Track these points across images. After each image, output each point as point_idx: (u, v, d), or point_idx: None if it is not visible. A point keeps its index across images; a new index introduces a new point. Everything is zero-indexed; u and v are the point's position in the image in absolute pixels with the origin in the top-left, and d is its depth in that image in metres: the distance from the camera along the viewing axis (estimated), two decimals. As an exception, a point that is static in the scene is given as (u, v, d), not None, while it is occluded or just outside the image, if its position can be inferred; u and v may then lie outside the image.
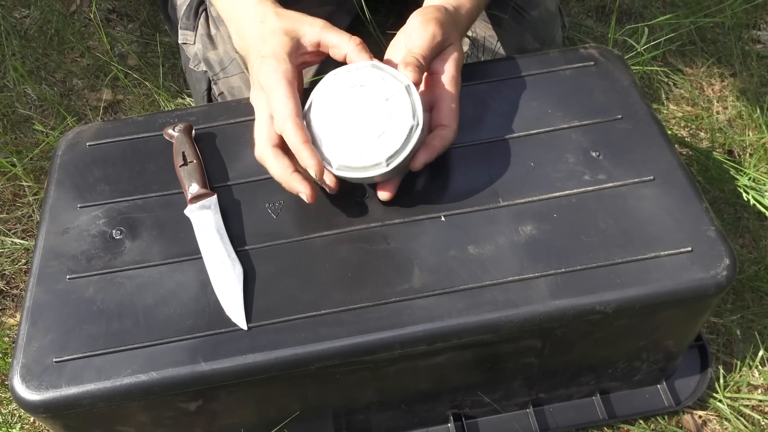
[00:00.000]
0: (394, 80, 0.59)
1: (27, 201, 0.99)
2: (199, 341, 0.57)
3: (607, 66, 0.73)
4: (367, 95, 0.59)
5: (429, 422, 0.72)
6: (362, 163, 0.58)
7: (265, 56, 0.61)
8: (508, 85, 0.72)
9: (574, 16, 1.19)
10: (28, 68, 1.15)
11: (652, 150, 0.66)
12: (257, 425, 0.65)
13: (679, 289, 0.58)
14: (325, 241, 0.62)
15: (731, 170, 0.94)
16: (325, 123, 0.60)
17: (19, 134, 1.08)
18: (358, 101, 0.60)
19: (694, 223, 0.61)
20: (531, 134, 0.68)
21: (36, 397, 0.55)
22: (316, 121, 0.61)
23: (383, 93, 0.59)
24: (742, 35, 1.15)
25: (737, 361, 0.80)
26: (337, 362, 0.57)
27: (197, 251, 0.62)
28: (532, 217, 0.62)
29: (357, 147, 0.59)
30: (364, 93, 0.60)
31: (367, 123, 0.59)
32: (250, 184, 0.66)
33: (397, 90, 0.59)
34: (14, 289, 0.92)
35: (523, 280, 0.58)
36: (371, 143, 0.58)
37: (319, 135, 0.60)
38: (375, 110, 0.59)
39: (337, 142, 0.59)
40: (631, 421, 0.74)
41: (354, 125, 0.59)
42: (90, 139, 0.71)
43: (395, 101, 0.59)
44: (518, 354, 0.63)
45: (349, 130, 0.59)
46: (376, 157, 0.58)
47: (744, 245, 0.90)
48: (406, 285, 0.59)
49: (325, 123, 0.60)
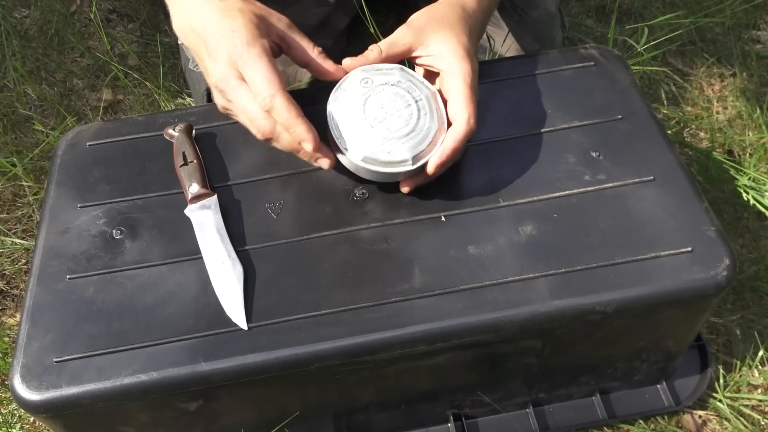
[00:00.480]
0: (422, 85, 0.62)
1: (27, 201, 0.99)
2: (199, 341, 0.57)
3: (607, 66, 0.73)
4: (397, 95, 0.61)
5: (429, 422, 0.72)
6: (389, 158, 0.59)
7: (235, 30, 0.57)
8: (508, 85, 0.72)
9: (574, 16, 1.19)
10: (29, 68, 1.15)
11: (652, 150, 0.66)
12: (257, 425, 0.65)
13: (679, 290, 0.58)
14: (325, 241, 0.62)
15: (731, 170, 0.94)
16: (352, 115, 0.61)
17: (19, 134, 1.08)
18: (387, 99, 0.61)
19: (694, 224, 0.61)
20: (531, 134, 0.68)
21: (36, 397, 0.55)
22: (342, 112, 0.61)
23: (413, 95, 0.61)
24: (742, 35, 1.15)
25: (737, 361, 0.80)
26: (337, 362, 0.57)
27: (197, 251, 0.62)
28: (533, 217, 0.62)
29: (384, 142, 0.59)
30: (395, 92, 0.61)
31: (395, 121, 0.60)
32: (250, 184, 0.66)
33: (426, 94, 0.61)
34: (14, 289, 0.92)
35: (524, 280, 0.59)
36: (399, 141, 0.59)
37: (345, 126, 0.60)
38: (404, 110, 0.61)
39: (364, 135, 0.60)
40: (631, 421, 0.74)
41: (383, 121, 0.60)
42: (90, 139, 0.71)
43: (423, 104, 0.61)
44: (518, 354, 0.63)
45: (378, 126, 0.60)
46: (402, 154, 0.59)
47: (744, 245, 0.90)
48: (407, 285, 0.59)
49: (351, 115, 0.61)
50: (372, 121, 0.60)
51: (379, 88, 0.62)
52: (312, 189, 0.66)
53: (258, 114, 0.58)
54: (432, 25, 0.64)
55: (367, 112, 0.60)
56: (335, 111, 0.61)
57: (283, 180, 0.66)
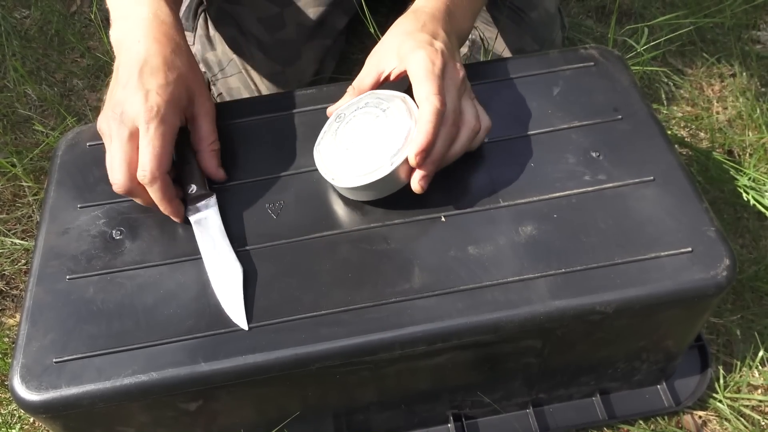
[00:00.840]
0: (390, 95, 0.63)
1: (27, 201, 0.99)
2: (199, 341, 0.57)
3: (607, 66, 0.73)
4: (366, 114, 0.62)
5: (429, 422, 0.72)
6: (368, 169, 0.60)
7: (160, 93, 0.59)
8: (508, 85, 0.72)
9: (574, 16, 1.19)
10: (29, 68, 1.15)
11: (652, 150, 0.66)
12: (257, 425, 0.65)
13: (679, 290, 0.58)
14: (325, 241, 0.62)
15: (731, 170, 0.94)
16: (330, 149, 0.63)
17: (19, 134, 1.08)
18: (358, 122, 0.62)
19: (694, 224, 0.61)
20: (531, 134, 0.68)
21: (36, 398, 0.55)
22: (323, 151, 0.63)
23: (381, 107, 0.62)
24: (742, 35, 1.15)
25: (737, 362, 0.80)
26: (337, 362, 0.57)
27: (197, 251, 0.62)
28: (533, 217, 0.62)
29: (361, 158, 0.60)
30: (363, 113, 0.63)
31: (369, 135, 0.61)
32: (251, 184, 0.66)
33: (393, 101, 0.62)
34: (14, 289, 0.92)
35: (523, 281, 0.58)
36: (374, 151, 0.60)
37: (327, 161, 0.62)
38: (374, 122, 0.61)
39: (342, 160, 0.61)
40: (631, 421, 0.74)
41: (355, 141, 0.61)
42: (90, 139, 0.71)
43: (392, 110, 0.61)
44: (518, 354, 0.63)
45: (352, 147, 0.61)
46: (379, 160, 0.59)
47: (744, 245, 0.90)
48: (407, 285, 0.59)
49: (329, 149, 0.63)
50: (347, 145, 0.62)
51: (349, 117, 0.63)
52: (312, 189, 0.66)
53: (125, 174, 0.60)
54: (386, 42, 0.65)
55: (341, 141, 0.62)
56: (319, 153, 0.64)
57: (283, 180, 0.66)
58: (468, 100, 0.62)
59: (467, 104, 0.62)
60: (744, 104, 1.04)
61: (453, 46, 0.65)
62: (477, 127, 0.62)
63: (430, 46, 0.61)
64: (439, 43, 0.62)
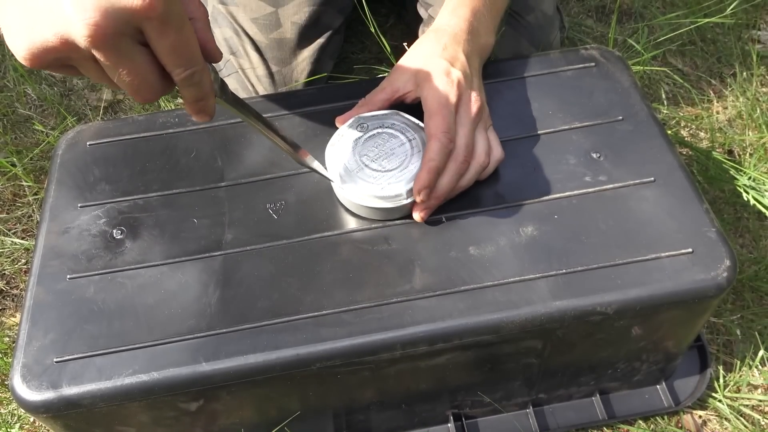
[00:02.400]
0: (416, 126, 0.64)
1: (27, 201, 0.99)
2: (200, 341, 0.57)
3: (608, 67, 0.73)
4: (391, 136, 0.64)
5: (429, 422, 0.72)
6: (383, 193, 0.61)
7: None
8: (509, 86, 0.72)
9: (574, 16, 1.19)
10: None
11: (652, 151, 0.66)
12: (258, 425, 0.65)
13: (680, 291, 0.58)
14: (326, 241, 0.62)
15: (731, 170, 0.94)
16: (348, 156, 0.63)
17: (19, 134, 1.07)
18: (382, 140, 0.64)
19: (695, 225, 0.61)
20: (531, 135, 0.68)
21: (36, 397, 0.55)
22: (339, 154, 0.64)
23: (407, 135, 0.64)
24: (742, 35, 1.15)
25: (737, 361, 0.80)
26: (338, 363, 0.57)
27: (198, 251, 0.62)
28: (533, 218, 0.62)
29: (379, 179, 0.62)
30: (389, 134, 0.64)
31: (390, 159, 0.63)
32: (251, 184, 0.66)
33: (420, 134, 0.64)
34: (14, 289, 0.92)
35: (524, 281, 0.59)
36: (393, 177, 0.62)
37: (342, 167, 0.63)
38: (398, 149, 0.63)
39: (359, 174, 0.62)
40: (630, 421, 0.74)
41: (376, 160, 0.63)
42: (90, 139, 0.71)
43: (417, 143, 0.63)
44: (519, 354, 0.63)
45: (372, 164, 0.63)
46: (397, 189, 0.61)
47: (744, 245, 0.90)
48: (407, 285, 0.59)
49: (347, 156, 0.63)
50: (367, 161, 0.63)
51: (374, 131, 0.64)
52: (312, 189, 0.66)
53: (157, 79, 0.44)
54: (405, 62, 0.66)
55: (362, 153, 0.63)
56: (332, 154, 0.64)
57: (283, 180, 0.66)
58: (482, 133, 0.63)
59: (480, 138, 0.63)
60: (744, 104, 1.04)
61: (473, 71, 0.66)
62: (486, 163, 0.63)
63: (446, 77, 0.62)
64: (457, 72, 0.63)
